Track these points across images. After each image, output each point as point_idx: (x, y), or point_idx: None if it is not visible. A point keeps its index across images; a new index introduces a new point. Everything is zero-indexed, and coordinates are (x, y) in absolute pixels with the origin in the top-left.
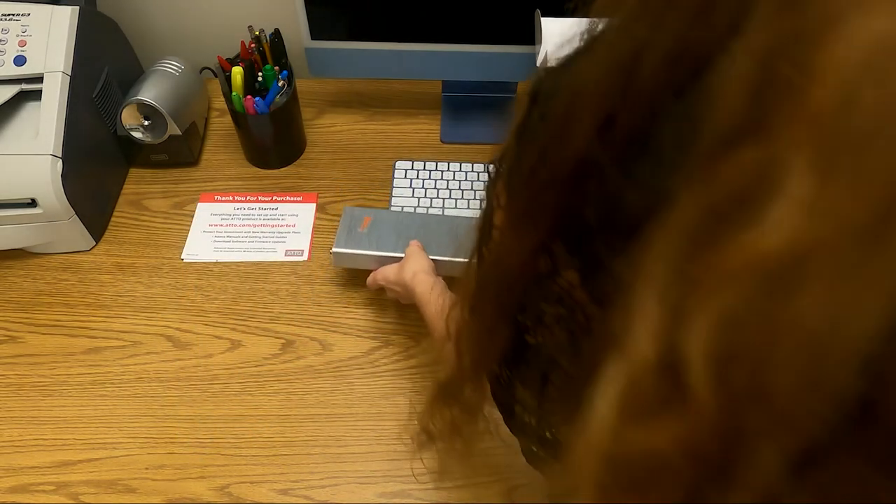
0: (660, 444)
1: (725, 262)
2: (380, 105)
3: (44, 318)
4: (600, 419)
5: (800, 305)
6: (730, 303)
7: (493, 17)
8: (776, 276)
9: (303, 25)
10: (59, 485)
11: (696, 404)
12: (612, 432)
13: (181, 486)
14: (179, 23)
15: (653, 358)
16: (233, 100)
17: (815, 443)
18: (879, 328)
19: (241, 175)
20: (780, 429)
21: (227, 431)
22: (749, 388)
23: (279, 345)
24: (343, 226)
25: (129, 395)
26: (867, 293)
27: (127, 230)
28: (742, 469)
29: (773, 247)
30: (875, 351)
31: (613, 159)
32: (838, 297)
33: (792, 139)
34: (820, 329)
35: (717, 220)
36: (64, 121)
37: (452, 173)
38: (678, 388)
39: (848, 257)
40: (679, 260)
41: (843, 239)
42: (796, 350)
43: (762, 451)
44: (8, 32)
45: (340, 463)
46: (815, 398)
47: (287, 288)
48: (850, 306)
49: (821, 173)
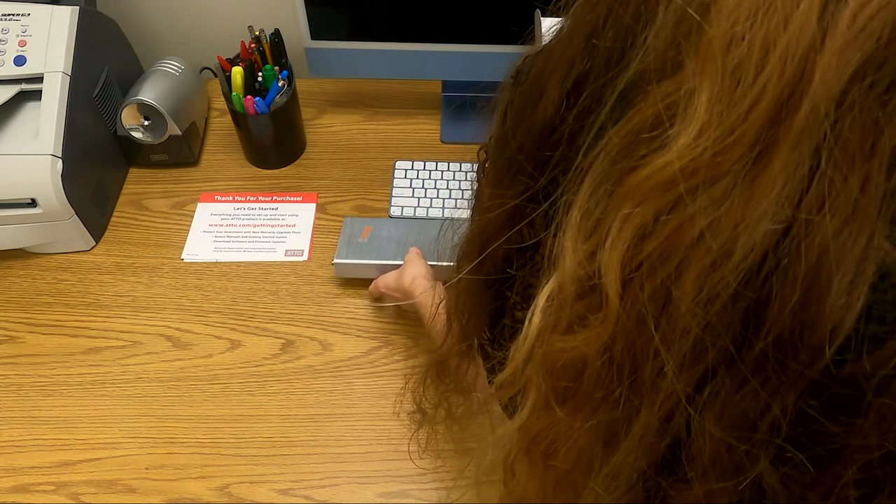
0: (582, 349)
1: (639, 181)
2: (380, 105)
3: (44, 318)
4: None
5: (695, 215)
6: (641, 216)
7: (493, 17)
8: (676, 189)
9: (303, 25)
10: (59, 485)
11: (611, 312)
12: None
13: (181, 486)
14: (179, 23)
15: (577, 270)
16: (233, 100)
17: (709, 354)
18: (765, 237)
19: (241, 175)
20: (680, 337)
21: (227, 431)
22: (655, 296)
23: (279, 345)
24: (343, 236)
25: (129, 395)
26: (753, 204)
27: (127, 230)
28: (649, 375)
29: (674, 163)
30: (761, 261)
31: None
32: (728, 207)
33: (695, 71)
34: (713, 238)
35: (635, 145)
36: (64, 121)
37: (452, 173)
38: (596, 298)
39: (735, 171)
40: (604, 182)
41: (730, 155)
42: (694, 259)
43: (665, 357)
44: (8, 32)
45: (340, 463)
46: (709, 308)
47: (287, 288)
48: (738, 216)
49: (715, 99)
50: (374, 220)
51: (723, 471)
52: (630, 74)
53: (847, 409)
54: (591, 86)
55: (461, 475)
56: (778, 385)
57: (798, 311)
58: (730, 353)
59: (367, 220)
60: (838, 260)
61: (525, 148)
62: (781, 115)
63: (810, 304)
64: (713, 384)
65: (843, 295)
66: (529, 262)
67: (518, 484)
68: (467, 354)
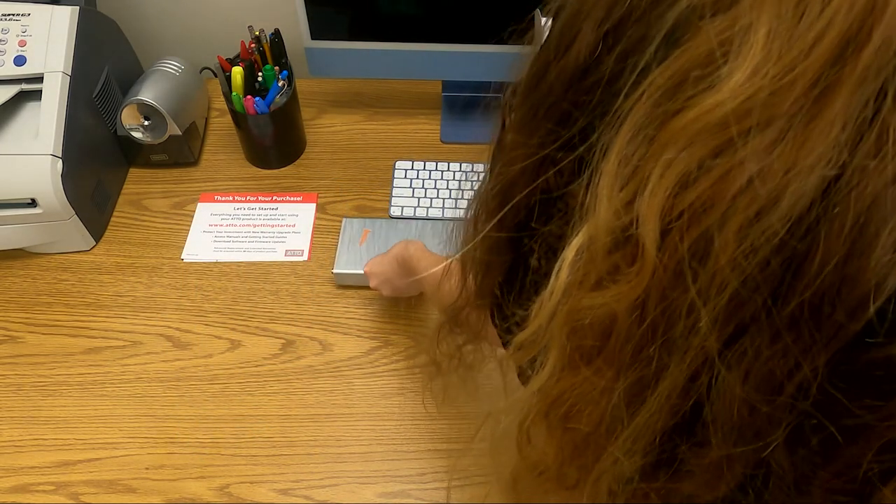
0: (612, 305)
1: (684, 123)
2: (380, 105)
3: (44, 318)
4: (560, 284)
5: (745, 160)
6: (685, 162)
7: (493, 17)
8: (727, 132)
9: (303, 25)
10: (59, 485)
11: (647, 264)
12: (569, 296)
13: (181, 486)
14: (179, 23)
15: (611, 220)
16: (233, 100)
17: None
18: (817, 185)
19: (241, 175)
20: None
21: (227, 431)
22: (694, 246)
23: (279, 345)
24: (342, 242)
25: (129, 395)
26: (807, 149)
27: (127, 230)
28: (681, 332)
29: (726, 104)
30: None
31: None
32: (781, 151)
33: (753, 4)
34: (762, 185)
35: (682, 86)
36: (64, 121)
37: (452, 173)
38: (630, 250)
39: (792, 112)
40: (646, 126)
41: (788, 94)
42: (740, 208)
43: (699, 312)
44: (8, 32)
45: (340, 463)
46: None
47: (287, 288)
48: (790, 162)
49: (774, 34)
50: (373, 221)
51: (742, 434)
52: (680, 10)
53: (876, 392)
54: (634, 24)
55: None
56: (811, 343)
57: (841, 265)
58: (765, 308)
59: (366, 221)
60: (890, 212)
61: (556, 91)
62: (848, 51)
63: (854, 257)
64: (743, 341)
65: (889, 251)
66: (556, 214)
67: (534, 449)
68: (482, 309)
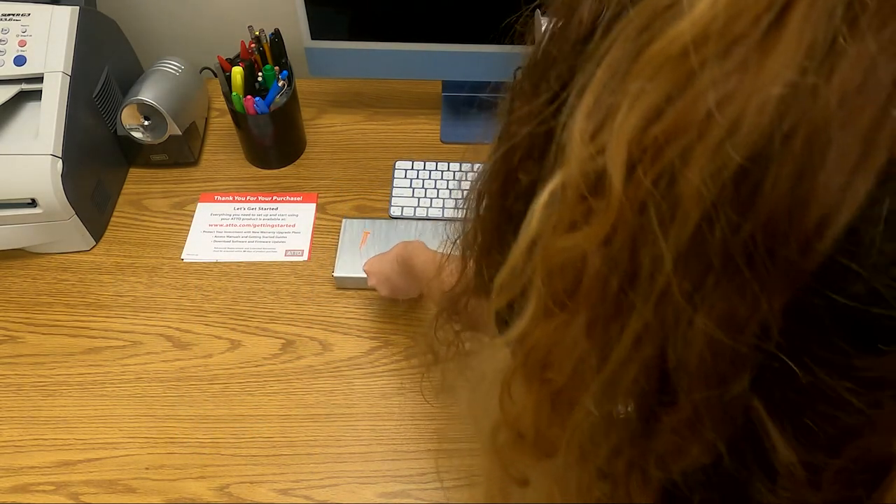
0: (583, 245)
1: (651, 55)
2: (380, 105)
3: (44, 318)
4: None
5: (706, 91)
6: (653, 95)
7: (493, 17)
8: (688, 63)
9: (303, 25)
10: (59, 485)
11: (613, 200)
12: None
13: (181, 486)
14: (179, 23)
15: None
16: (233, 100)
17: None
18: (771, 112)
19: (241, 175)
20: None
21: (227, 431)
22: (658, 180)
23: (279, 345)
24: (342, 244)
25: (129, 395)
26: (762, 78)
27: (127, 230)
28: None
29: (684, 34)
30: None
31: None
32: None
33: None
34: (721, 114)
35: (653, 19)
36: (64, 121)
37: (452, 173)
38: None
39: (748, 36)
40: (622, 64)
41: (744, 19)
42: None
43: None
44: (8, 32)
45: (340, 463)
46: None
47: (287, 288)
48: (746, 91)
49: None
50: (373, 221)
51: (706, 379)
52: None
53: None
54: None
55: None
56: (766, 278)
57: (790, 190)
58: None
59: (366, 222)
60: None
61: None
62: None
63: (804, 179)
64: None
65: (838, 173)
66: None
67: (514, 405)
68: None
